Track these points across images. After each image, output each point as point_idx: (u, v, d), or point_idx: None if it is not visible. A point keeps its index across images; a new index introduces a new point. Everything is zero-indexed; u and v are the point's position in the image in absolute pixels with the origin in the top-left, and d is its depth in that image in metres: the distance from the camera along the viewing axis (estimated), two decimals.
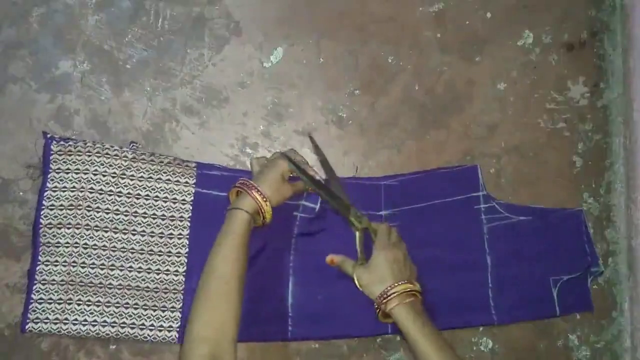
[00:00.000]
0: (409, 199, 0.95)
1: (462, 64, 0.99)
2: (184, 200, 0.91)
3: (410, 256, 0.91)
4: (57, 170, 0.89)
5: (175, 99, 0.95)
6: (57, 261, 0.88)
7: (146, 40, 0.95)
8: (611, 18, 1.02)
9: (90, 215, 0.89)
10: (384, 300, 0.81)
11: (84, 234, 0.88)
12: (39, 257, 0.88)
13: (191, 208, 0.91)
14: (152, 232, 0.90)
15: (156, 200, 0.90)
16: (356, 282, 0.85)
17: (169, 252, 0.90)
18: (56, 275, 0.87)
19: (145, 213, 0.90)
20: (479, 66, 0.99)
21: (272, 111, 0.96)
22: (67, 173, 0.89)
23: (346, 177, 0.95)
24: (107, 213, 0.89)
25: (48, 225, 0.88)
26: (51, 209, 0.88)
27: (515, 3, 1.01)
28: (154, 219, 0.90)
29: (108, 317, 0.88)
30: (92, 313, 0.87)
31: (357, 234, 0.88)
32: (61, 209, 0.88)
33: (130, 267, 0.89)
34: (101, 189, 0.89)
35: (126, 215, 0.89)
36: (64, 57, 0.94)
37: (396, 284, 0.81)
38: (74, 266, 0.88)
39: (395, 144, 0.97)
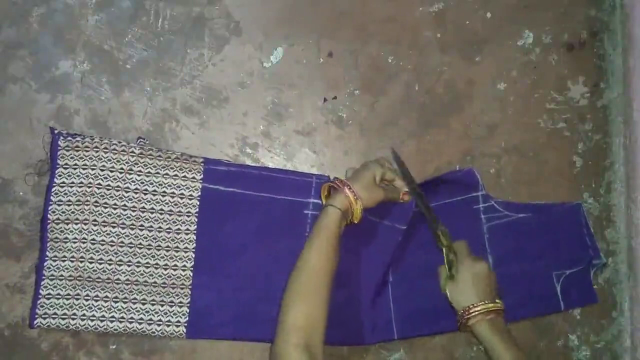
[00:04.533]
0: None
1: (462, 64, 0.99)
2: (191, 195, 0.91)
3: (412, 259, 0.92)
4: (64, 166, 0.89)
5: (175, 99, 0.95)
6: (65, 257, 0.88)
7: (146, 40, 0.95)
8: (611, 18, 1.02)
9: (98, 210, 0.89)
10: (467, 316, 0.83)
11: (92, 229, 0.88)
12: (47, 253, 0.88)
13: (198, 203, 0.91)
14: (160, 227, 0.90)
15: (163, 196, 0.90)
16: (447, 294, 0.87)
17: (177, 247, 0.90)
18: (64, 271, 0.88)
19: (152, 208, 0.90)
20: (479, 66, 0.99)
21: (272, 111, 0.96)
22: (75, 169, 0.89)
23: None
24: (115, 208, 0.89)
25: (56, 221, 0.88)
26: (59, 205, 0.88)
27: (515, 3, 1.01)
28: (161, 214, 0.90)
29: (116, 313, 0.88)
30: (100, 308, 0.88)
31: (445, 250, 0.88)
32: (69, 205, 0.88)
33: (138, 262, 0.89)
34: (109, 185, 0.89)
35: (134, 211, 0.90)
36: (64, 57, 0.94)
37: (479, 303, 0.83)
38: (81, 262, 0.88)
39: (395, 144, 0.97)
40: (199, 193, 0.91)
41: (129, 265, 0.89)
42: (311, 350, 0.72)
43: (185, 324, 0.89)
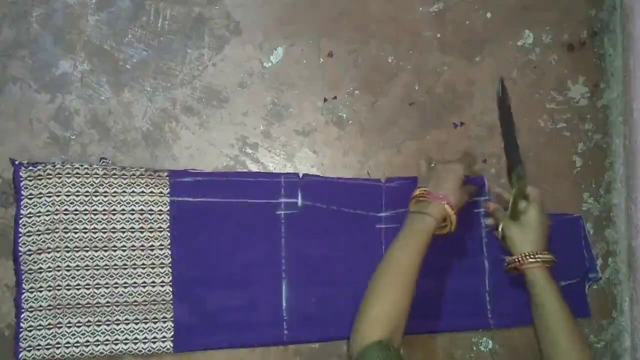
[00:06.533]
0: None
1: (462, 64, 0.99)
2: (160, 210, 0.90)
3: None
4: (29, 197, 0.88)
5: (175, 99, 0.95)
6: (41, 287, 0.87)
7: (146, 40, 0.95)
8: (611, 18, 1.02)
9: (68, 236, 0.88)
10: (528, 260, 0.85)
11: (65, 256, 0.88)
12: (23, 285, 0.87)
13: (168, 218, 0.90)
14: (133, 245, 0.89)
15: (132, 214, 0.90)
16: (502, 231, 0.88)
17: (152, 264, 0.90)
18: (42, 301, 0.87)
19: (123, 228, 0.89)
20: (479, 66, 0.99)
21: (272, 111, 0.96)
22: (40, 197, 0.88)
23: (348, 177, 0.95)
24: (85, 232, 0.88)
25: (27, 252, 0.87)
26: (28, 236, 0.88)
27: (515, 3, 1.01)
28: (132, 232, 0.90)
29: (100, 336, 0.87)
30: (83, 334, 0.87)
31: (514, 190, 0.89)
32: (39, 234, 0.88)
33: (116, 283, 0.89)
34: (76, 209, 0.88)
35: (104, 232, 0.89)
36: (64, 57, 0.94)
37: (544, 253, 0.85)
38: (59, 290, 0.87)
39: (395, 144, 0.97)
40: (168, 207, 0.90)
41: (107, 288, 0.88)
42: (393, 345, 0.72)
43: (172, 339, 0.88)
